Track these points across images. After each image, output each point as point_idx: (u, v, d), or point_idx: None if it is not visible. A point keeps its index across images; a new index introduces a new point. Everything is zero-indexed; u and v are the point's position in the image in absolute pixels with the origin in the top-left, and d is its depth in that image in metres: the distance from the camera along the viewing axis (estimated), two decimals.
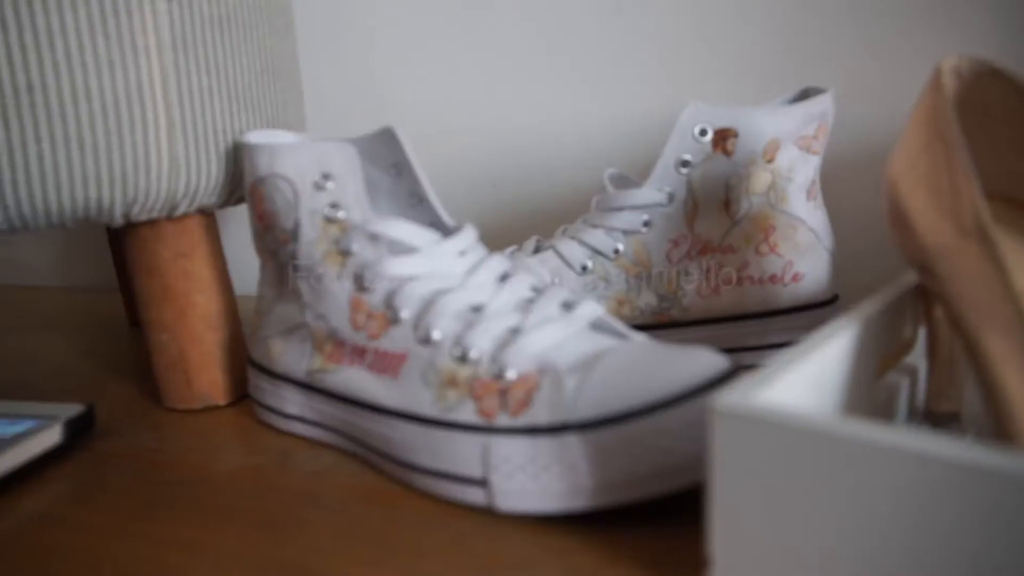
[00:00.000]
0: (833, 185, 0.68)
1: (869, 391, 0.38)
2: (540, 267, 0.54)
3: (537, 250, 0.58)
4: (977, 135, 0.39)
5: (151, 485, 0.44)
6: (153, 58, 0.47)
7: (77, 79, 0.45)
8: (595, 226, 0.55)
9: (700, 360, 0.36)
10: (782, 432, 0.27)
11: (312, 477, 0.43)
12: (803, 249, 0.54)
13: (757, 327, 0.54)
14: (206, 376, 0.54)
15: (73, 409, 0.49)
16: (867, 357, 0.37)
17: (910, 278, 0.42)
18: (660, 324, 0.54)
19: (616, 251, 0.54)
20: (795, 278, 0.54)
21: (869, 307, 0.37)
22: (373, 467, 0.44)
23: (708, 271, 0.54)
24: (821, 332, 0.34)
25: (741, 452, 0.28)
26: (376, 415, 0.42)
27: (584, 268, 0.54)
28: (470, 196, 0.83)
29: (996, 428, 0.31)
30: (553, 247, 0.55)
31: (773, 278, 0.54)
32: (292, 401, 0.48)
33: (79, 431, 0.49)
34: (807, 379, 0.32)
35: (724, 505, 0.29)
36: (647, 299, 0.54)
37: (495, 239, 0.81)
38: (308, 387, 0.46)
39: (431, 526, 0.37)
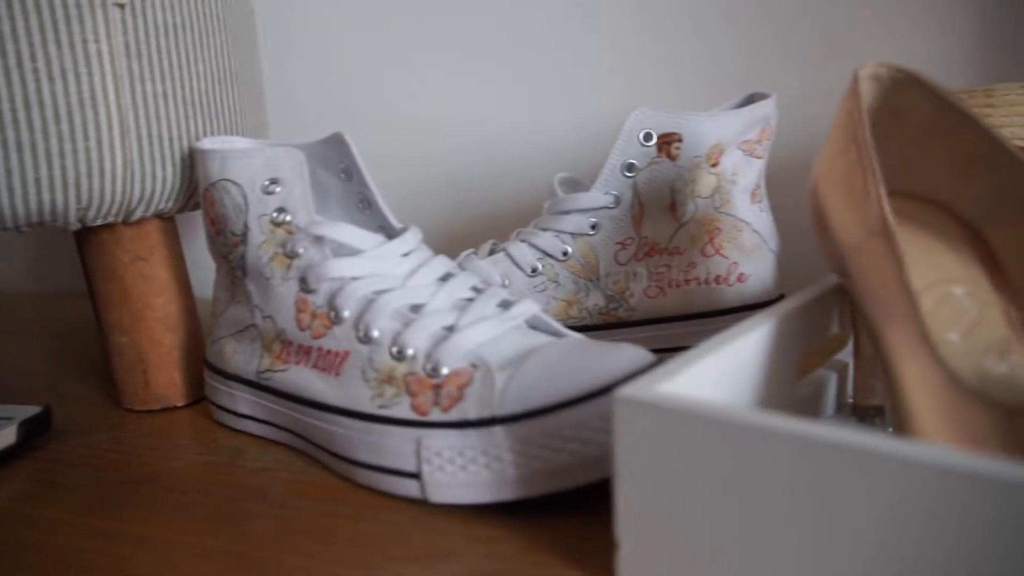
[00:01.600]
0: (780, 188, 0.69)
1: (792, 385, 0.40)
2: (491, 269, 0.56)
3: (492, 253, 0.59)
4: (897, 138, 0.40)
5: (103, 483, 0.45)
6: (106, 65, 0.48)
7: (29, 86, 0.46)
8: (544, 229, 0.56)
9: (623, 355, 0.37)
10: (677, 419, 0.28)
11: (259, 473, 0.44)
12: (748, 250, 0.56)
13: (703, 327, 0.56)
14: (164, 377, 0.55)
15: (29, 410, 0.50)
16: (786, 352, 0.38)
17: (833, 278, 0.43)
18: (608, 324, 0.56)
19: (565, 253, 0.55)
20: (740, 279, 0.56)
21: (786, 304, 0.39)
22: (318, 463, 0.45)
23: (655, 272, 0.55)
24: (735, 327, 0.36)
25: (641, 439, 0.29)
26: (320, 412, 0.43)
27: (534, 270, 0.55)
28: (435, 198, 0.84)
29: (896, 417, 0.32)
30: (504, 250, 0.57)
31: (719, 279, 0.55)
32: (244, 401, 0.49)
33: (35, 432, 0.50)
34: (719, 372, 0.33)
35: (628, 491, 0.30)
36: (595, 300, 0.55)
37: (460, 241, 0.82)
38: (258, 386, 0.47)
39: (367, 518, 0.39)
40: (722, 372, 0.33)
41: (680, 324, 0.56)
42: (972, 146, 0.38)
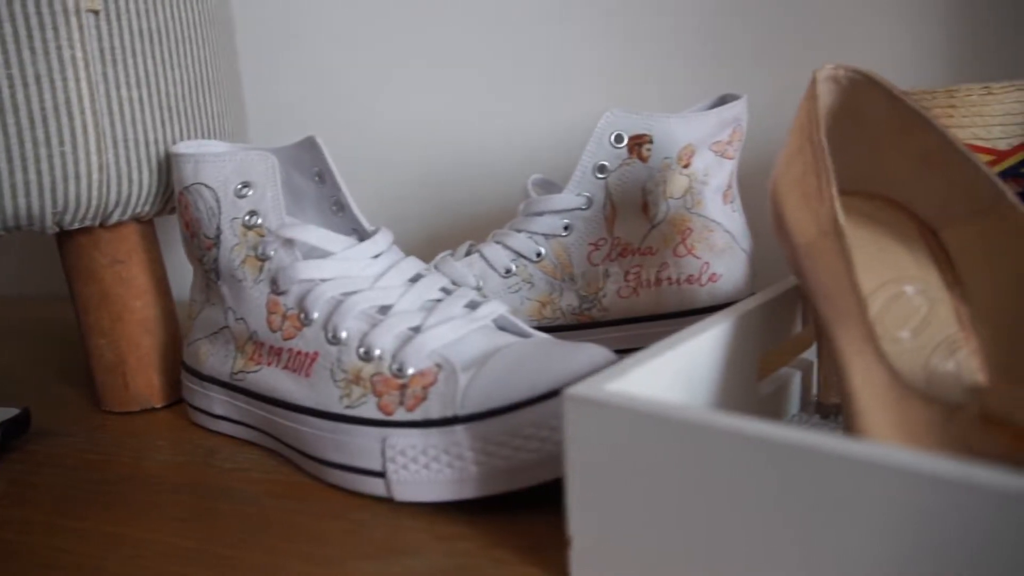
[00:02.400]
0: (752, 188, 0.70)
1: (753, 384, 0.40)
2: (467, 270, 0.56)
3: (469, 254, 0.59)
4: (857, 139, 0.41)
5: (78, 483, 0.45)
6: (80, 71, 0.49)
7: (3, 92, 0.46)
8: (518, 231, 0.57)
9: (584, 355, 0.38)
10: (624, 417, 0.28)
11: (232, 473, 0.45)
12: (719, 250, 0.56)
13: (676, 327, 0.56)
14: (143, 379, 0.56)
15: (8, 412, 0.51)
16: (745, 351, 0.39)
17: (793, 279, 0.44)
18: (581, 324, 0.56)
19: (538, 254, 0.56)
20: (712, 279, 0.56)
21: (745, 304, 0.39)
22: (290, 463, 0.46)
23: (628, 273, 0.56)
24: (691, 327, 0.36)
25: (590, 437, 0.30)
26: (290, 413, 0.44)
27: (508, 271, 0.56)
28: (418, 201, 0.85)
29: (846, 414, 0.33)
30: (479, 251, 0.57)
31: (691, 279, 0.56)
32: (218, 402, 0.50)
33: (14, 433, 0.50)
34: (673, 371, 0.34)
35: (578, 488, 0.31)
36: (569, 300, 0.56)
37: (443, 243, 0.83)
38: (232, 387, 0.48)
39: (334, 516, 0.39)
40: (676, 371, 0.34)
41: (653, 324, 0.56)
42: (926, 146, 0.39)
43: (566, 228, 0.56)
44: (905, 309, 0.37)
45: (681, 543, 0.28)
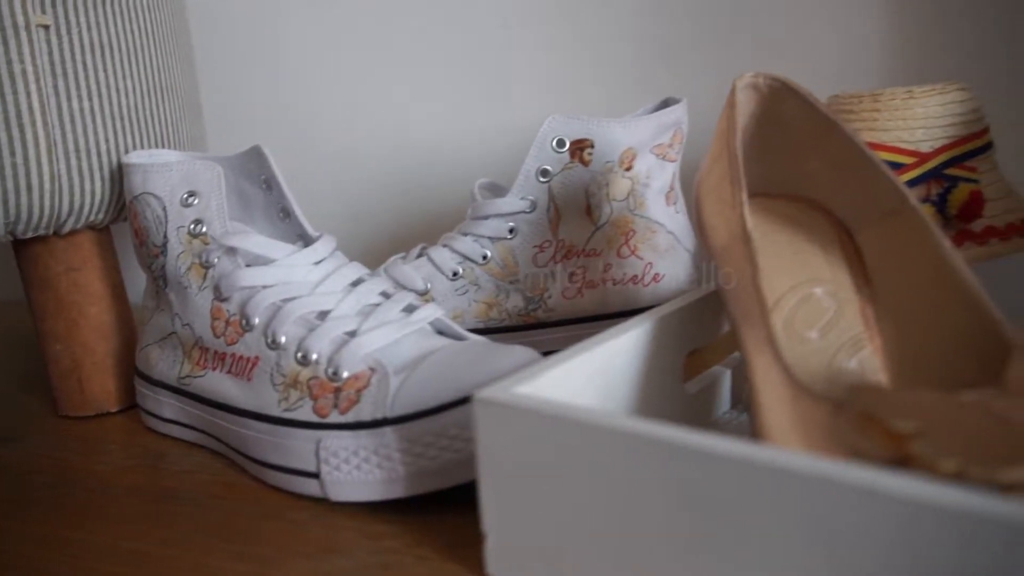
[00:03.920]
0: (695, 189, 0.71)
1: (678, 384, 0.42)
2: (415, 273, 0.57)
3: (419, 257, 0.61)
4: (779, 144, 0.42)
5: (29, 487, 0.46)
6: (31, 84, 0.50)
7: None
8: (465, 234, 0.58)
9: (509, 357, 0.39)
10: (529, 419, 0.30)
11: (178, 476, 0.46)
12: (662, 251, 0.58)
13: None
14: (98, 384, 0.57)
15: None
16: (667, 352, 0.40)
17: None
18: (527, 325, 0.58)
19: (484, 257, 0.57)
20: (655, 279, 0.58)
21: (666, 307, 0.41)
22: (235, 465, 0.47)
23: (572, 274, 0.57)
24: (609, 330, 0.38)
25: (499, 438, 0.31)
26: (233, 416, 0.45)
27: (455, 274, 0.57)
28: (376, 205, 0.86)
29: (751, 412, 0.34)
30: (427, 254, 0.58)
31: (634, 279, 0.57)
32: (168, 406, 0.51)
33: None
34: (587, 373, 0.35)
35: (489, 486, 0.32)
36: (515, 302, 0.57)
37: (401, 245, 0.84)
38: (180, 392, 0.49)
39: (271, 516, 0.41)
40: (590, 373, 0.35)
41: (598, 324, 0.58)
42: (840, 151, 0.40)
43: (511, 231, 0.57)
44: (814, 310, 0.38)
45: (586, 539, 0.30)
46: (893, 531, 0.22)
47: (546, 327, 0.58)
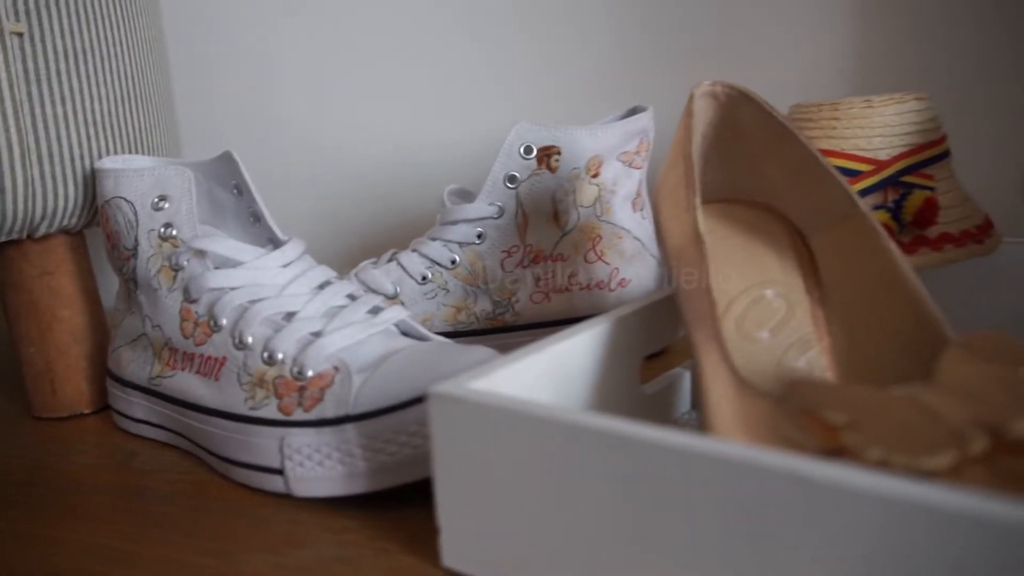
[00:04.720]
0: None
1: (635, 384, 0.43)
2: (384, 278, 0.58)
3: (390, 262, 0.62)
4: (737, 150, 0.44)
5: (3, 487, 0.47)
6: (4, 91, 0.51)
7: None
8: (434, 239, 0.59)
9: (468, 356, 0.40)
10: (482, 413, 0.31)
11: (148, 474, 0.47)
12: (629, 256, 0.59)
13: None
14: (71, 386, 0.58)
15: None
16: (624, 352, 0.41)
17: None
18: (495, 329, 0.59)
19: (453, 262, 0.58)
20: (622, 283, 0.59)
21: (623, 309, 0.42)
22: (203, 463, 0.48)
23: (540, 279, 0.58)
24: (565, 331, 0.39)
25: (453, 432, 0.32)
26: (201, 415, 0.46)
27: (424, 278, 0.58)
28: (348, 211, 0.87)
29: (700, 408, 0.35)
30: (397, 259, 0.59)
31: (600, 284, 0.58)
32: (139, 406, 0.51)
33: None
34: (541, 372, 0.36)
35: (444, 479, 0.33)
36: (483, 306, 0.58)
37: (374, 250, 0.86)
38: (150, 392, 0.50)
39: (236, 512, 0.41)
40: (543, 371, 0.36)
41: (564, 328, 0.58)
42: (795, 158, 0.41)
43: (479, 236, 0.58)
44: (765, 311, 0.39)
45: (538, 531, 0.31)
46: (817, 514, 0.23)
47: (514, 331, 0.59)
